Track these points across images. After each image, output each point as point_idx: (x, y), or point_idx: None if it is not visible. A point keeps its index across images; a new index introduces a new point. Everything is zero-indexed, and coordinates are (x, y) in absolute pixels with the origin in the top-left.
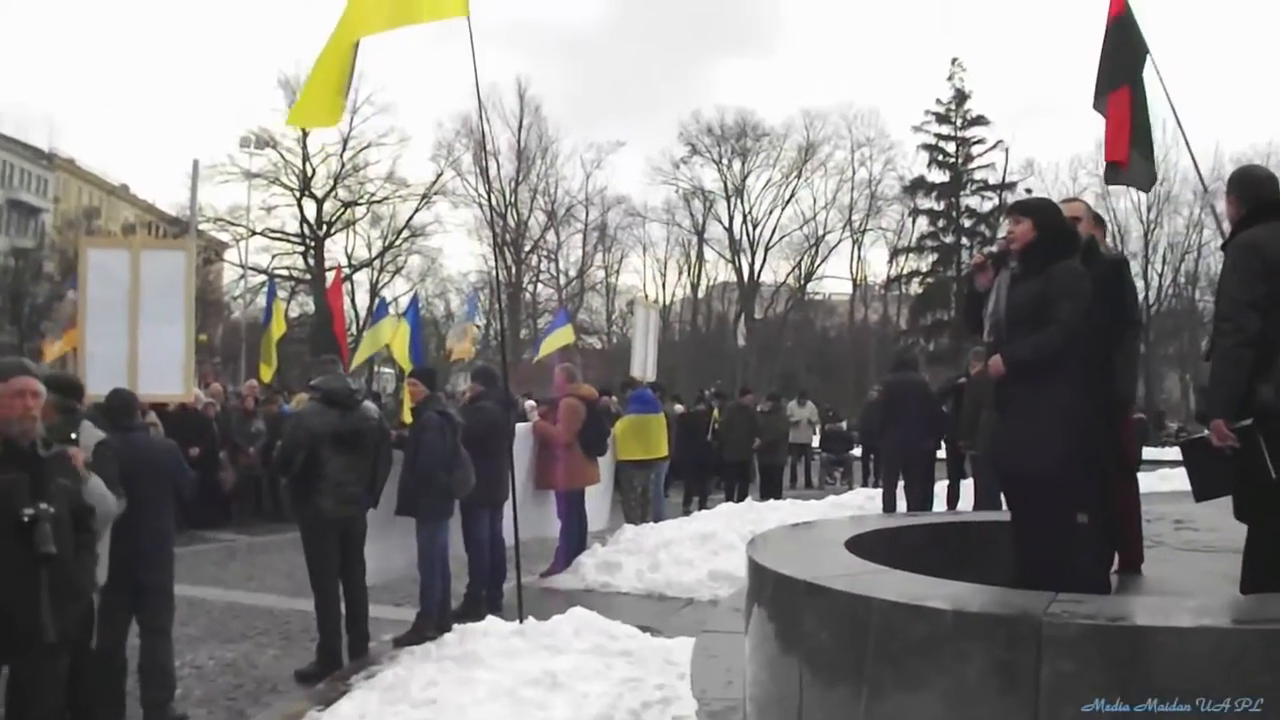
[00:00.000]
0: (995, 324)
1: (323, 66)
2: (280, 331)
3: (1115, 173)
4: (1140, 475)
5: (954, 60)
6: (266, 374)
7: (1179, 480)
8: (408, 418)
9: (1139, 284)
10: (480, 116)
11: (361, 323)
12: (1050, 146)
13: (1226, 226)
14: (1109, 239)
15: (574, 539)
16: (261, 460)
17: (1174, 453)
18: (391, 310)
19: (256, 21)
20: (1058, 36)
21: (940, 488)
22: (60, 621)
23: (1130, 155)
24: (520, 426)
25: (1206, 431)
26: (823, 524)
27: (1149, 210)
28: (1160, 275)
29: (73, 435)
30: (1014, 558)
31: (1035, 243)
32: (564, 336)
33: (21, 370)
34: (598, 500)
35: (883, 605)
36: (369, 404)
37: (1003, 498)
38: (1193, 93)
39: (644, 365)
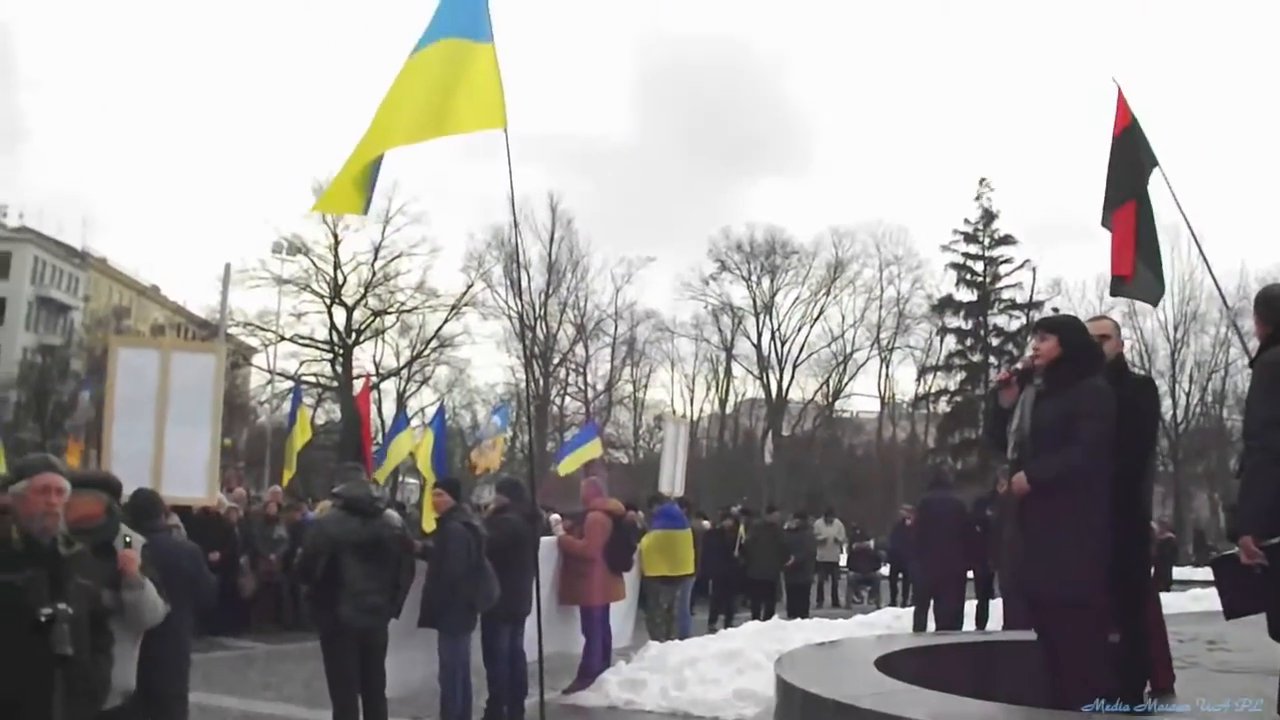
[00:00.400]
0: (1020, 441)
1: (353, 160)
2: (304, 438)
3: (1120, 285)
4: (1172, 595)
5: (981, 180)
6: (286, 478)
7: (1211, 600)
8: (429, 526)
9: (1166, 403)
10: (514, 229)
11: (386, 432)
12: (1077, 265)
13: (1253, 345)
14: (1135, 358)
15: (598, 655)
16: (282, 567)
17: (1205, 573)
18: (416, 421)
19: (291, 127)
20: (1084, 156)
21: (969, 606)
22: None
23: (1136, 268)
24: (545, 540)
25: (1236, 549)
26: (851, 642)
27: (1176, 329)
28: (1188, 394)
29: (126, 539)
30: (1045, 678)
31: (1060, 360)
32: (591, 450)
33: (47, 467)
34: (622, 616)
35: None
36: (392, 512)
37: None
38: (1218, 211)
39: (672, 480)
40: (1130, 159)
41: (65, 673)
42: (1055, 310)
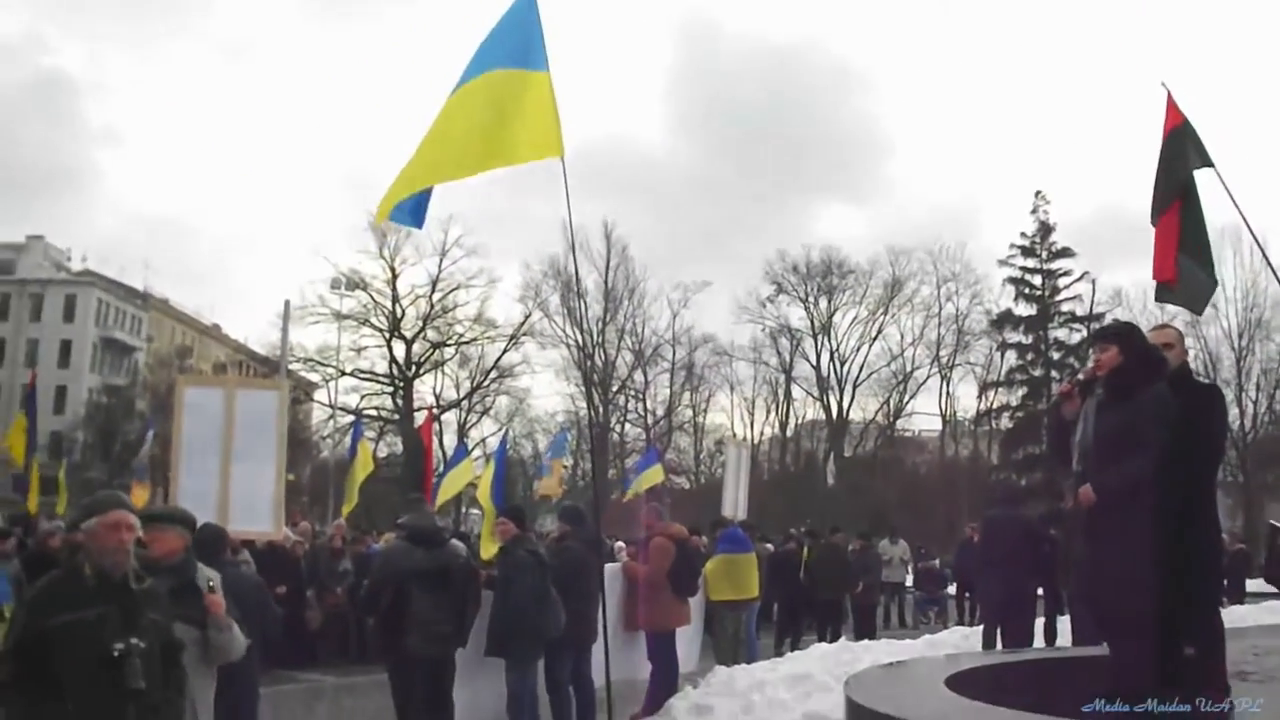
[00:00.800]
0: (1084, 452)
1: (405, 185)
2: (366, 471)
3: (1164, 292)
4: (1246, 608)
5: (1038, 193)
6: (346, 510)
7: None
8: (487, 554)
9: (1233, 412)
10: (572, 257)
11: (447, 462)
12: (1138, 275)
13: None
14: (1200, 367)
15: (664, 681)
16: (348, 600)
17: None
18: (478, 452)
19: (346, 163)
20: (1140, 163)
21: (1038, 624)
22: None
23: (1180, 269)
24: (610, 567)
25: None
26: (920, 662)
27: (1240, 337)
28: (1255, 403)
29: (210, 582)
30: (1119, 688)
31: (1121, 369)
32: (654, 475)
33: (118, 504)
34: (688, 641)
35: None
36: (457, 542)
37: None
38: None
39: (735, 504)
40: (1178, 158)
41: (138, 707)
42: (1116, 321)
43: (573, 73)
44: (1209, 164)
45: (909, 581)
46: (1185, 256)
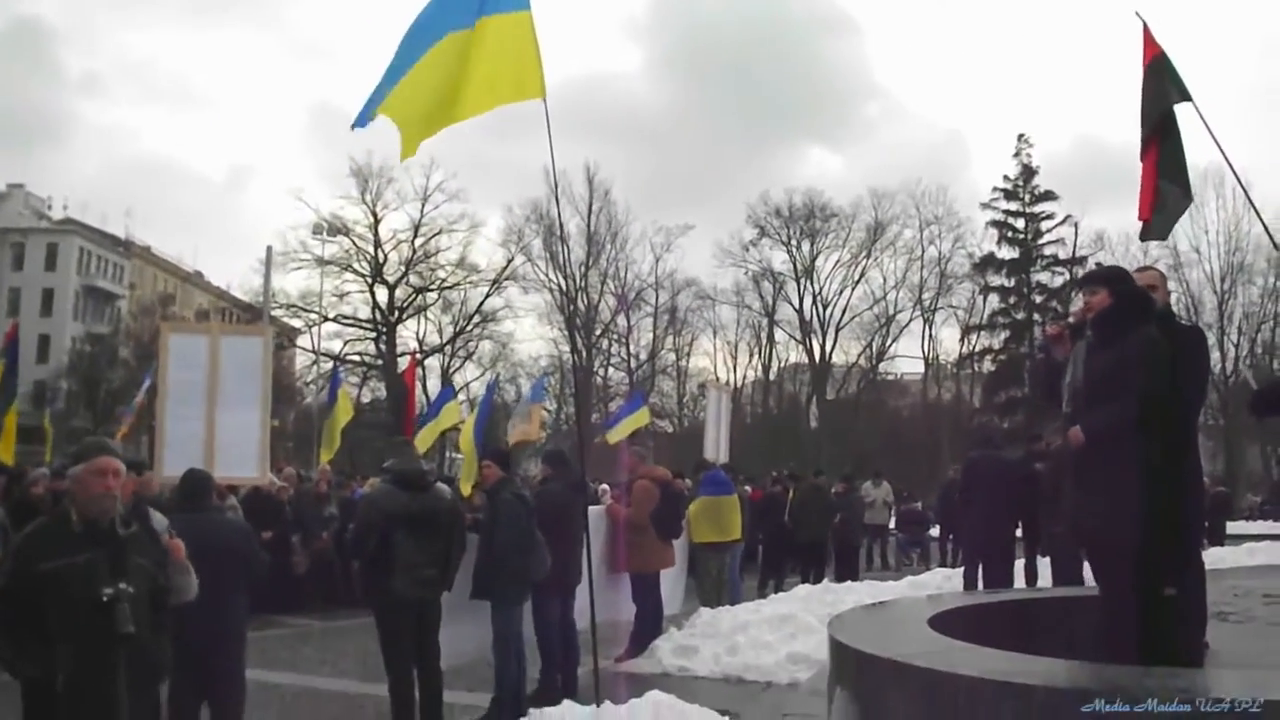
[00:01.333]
0: (1074, 394)
1: (409, 137)
2: (346, 417)
3: (1147, 231)
4: (1226, 550)
5: (1020, 136)
6: (325, 457)
7: (1265, 554)
8: (465, 492)
9: (1215, 355)
10: (554, 201)
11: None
12: (1120, 218)
13: None
14: (1182, 311)
15: (649, 623)
16: (334, 544)
17: (1259, 527)
18: (463, 396)
19: (329, 110)
20: (1123, 105)
21: (1018, 565)
22: (137, 701)
23: (1155, 199)
24: (594, 510)
25: None
26: (903, 603)
27: (1223, 280)
28: (1237, 346)
29: (167, 529)
30: (1102, 631)
31: (1111, 311)
32: (639, 419)
33: (103, 450)
34: (672, 583)
35: (970, 682)
36: (443, 486)
37: (1088, 570)
38: (1267, 156)
39: (716, 447)
40: (1158, 93)
41: (128, 651)
42: (1099, 265)
43: (553, 12)
44: (1187, 98)
45: (892, 524)
46: (1164, 180)
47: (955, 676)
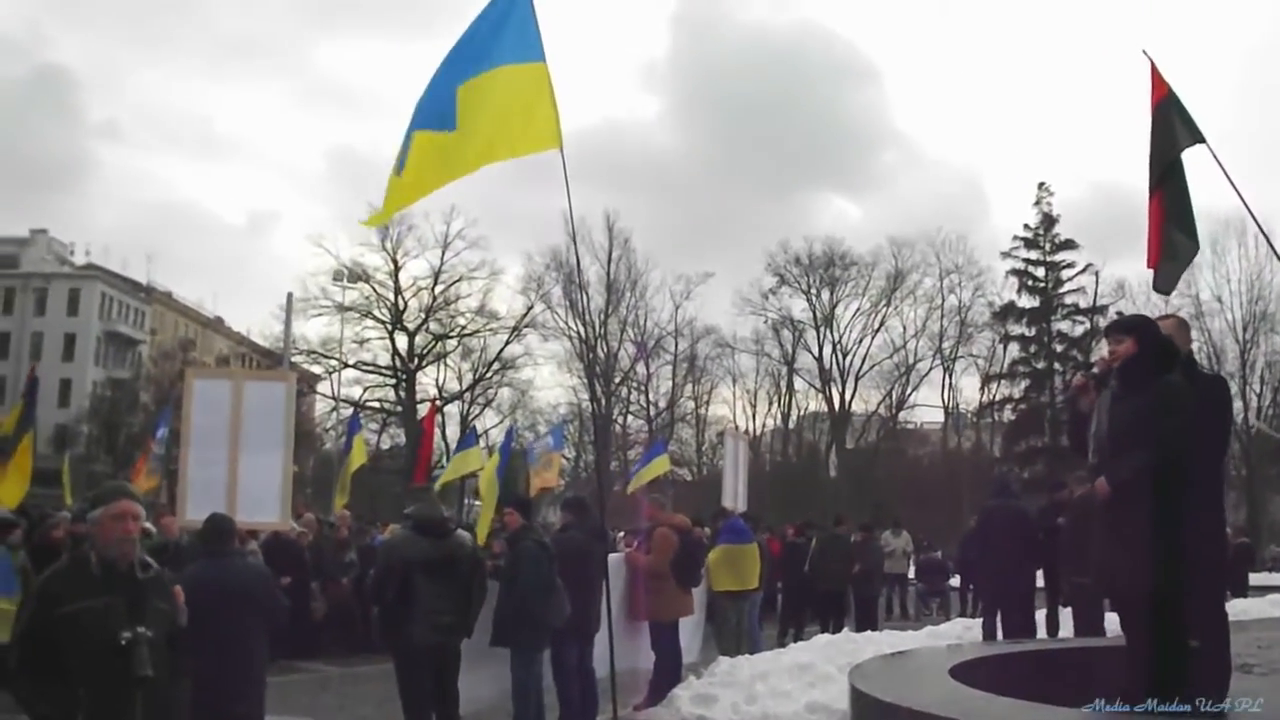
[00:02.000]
0: (1099, 444)
1: (410, 189)
2: (359, 462)
3: (1156, 279)
4: (1250, 601)
5: (1041, 184)
6: (339, 502)
7: None
8: (481, 538)
9: (1237, 404)
10: (573, 249)
11: (450, 454)
12: (1141, 266)
13: None
14: (1204, 360)
15: (667, 671)
16: (354, 591)
17: None
18: (481, 443)
19: (349, 157)
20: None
21: (1040, 616)
22: None
23: (1163, 247)
24: (613, 557)
25: None
26: (923, 652)
27: (1245, 329)
28: (1259, 395)
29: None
30: (1128, 682)
31: (1136, 359)
32: (659, 466)
33: (123, 494)
34: (691, 632)
35: None
36: (463, 532)
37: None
38: None
39: (734, 495)
40: (1165, 137)
41: (145, 694)
42: (1120, 314)
43: (572, 61)
44: (1200, 139)
45: (911, 573)
46: (1171, 227)
47: None
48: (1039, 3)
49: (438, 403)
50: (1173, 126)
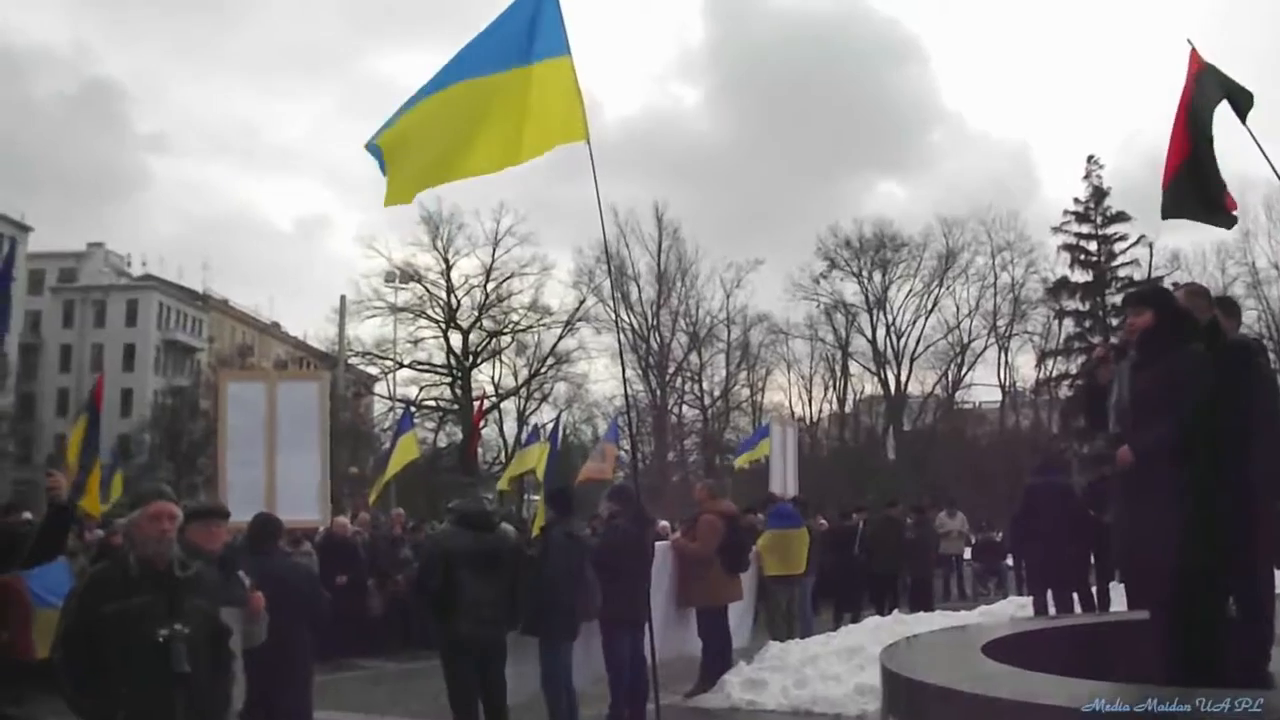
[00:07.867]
0: (1120, 414)
1: (428, 176)
2: (406, 458)
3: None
4: None
5: (1090, 157)
6: (372, 499)
7: None
8: (536, 531)
9: None
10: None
11: (510, 450)
12: (1196, 235)
13: None
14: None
15: (718, 657)
16: (409, 587)
17: None
18: (540, 437)
19: None
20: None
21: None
22: None
23: (1173, 183)
24: (660, 545)
25: None
26: (960, 630)
27: None
28: None
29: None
30: (1160, 655)
31: (1155, 329)
32: (763, 449)
33: (159, 495)
34: (741, 617)
35: (1009, 706)
36: (507, 526)
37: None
38: None
39: (784, 481)
40: (1201, 98)
41: (185, 690)
42: (1175, 285)
43: (609, 51)
44: (1241, 93)
45: (967, 554)
46: (1187, 175)
47: (996, 701)
48: None
49: (484, 402)
50: (1210, 89)
